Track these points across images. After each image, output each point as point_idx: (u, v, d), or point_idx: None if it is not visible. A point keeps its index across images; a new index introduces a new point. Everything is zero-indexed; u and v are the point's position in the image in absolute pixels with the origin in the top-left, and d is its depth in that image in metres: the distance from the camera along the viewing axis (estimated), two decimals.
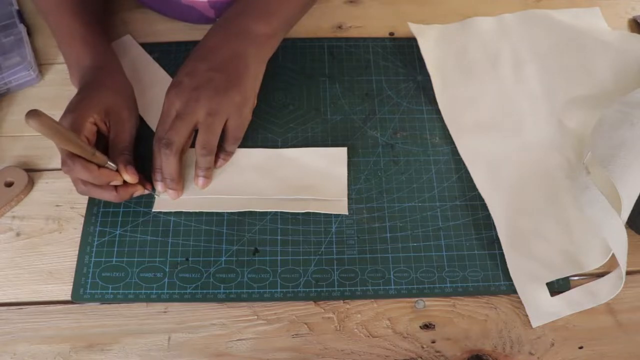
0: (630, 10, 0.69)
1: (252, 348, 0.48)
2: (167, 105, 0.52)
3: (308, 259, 0.52)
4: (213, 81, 0.51)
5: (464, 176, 0.56)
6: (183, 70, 0.53)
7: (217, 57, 0.53)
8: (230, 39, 0.54)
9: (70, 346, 0.48)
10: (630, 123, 0.51)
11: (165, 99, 0.52)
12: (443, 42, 0.64)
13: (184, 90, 0.51)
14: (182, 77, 0.52)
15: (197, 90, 0.51)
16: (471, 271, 0.51)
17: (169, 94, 0.52)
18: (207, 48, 0.54)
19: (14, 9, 0.65)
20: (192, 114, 0.51)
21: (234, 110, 0.52)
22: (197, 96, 0.51)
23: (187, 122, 0.51)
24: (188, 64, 0.53)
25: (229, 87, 0.52)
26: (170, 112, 0.52)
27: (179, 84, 0.52)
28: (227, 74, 0.52)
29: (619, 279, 0.49)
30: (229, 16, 0.56)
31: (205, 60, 0.53)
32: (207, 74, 0.52)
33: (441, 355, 0.48)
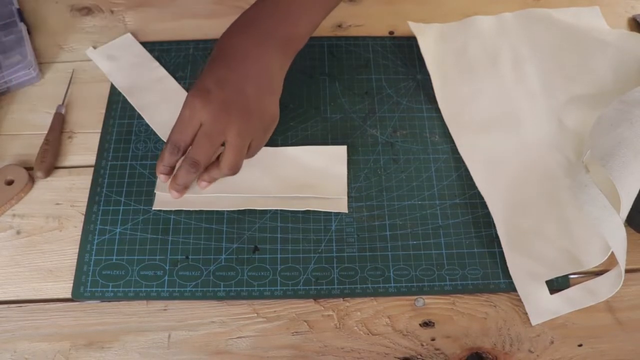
0: (629, 9, 0.69)
1: (252, 346, 0.48)
2: (190, 113, 0.48)
3: (308, 257, 0.52)
4: (244, 96, 0.48)
5: (464, 174, 0.56)
6: (210, 77, 0.49)
7: (246, 66, 0.49)
8: (257, 44, 0.50)
9: (70, 344, 0.48)
10: (629, 122, 0.51)
11: (188, 105, 0.48)
12: (443, 41, 0.65)
13: (213, 101, 0.48)
14: (209, 84, 0.48)
15: (227, 105, 0.48)
16: (471, 269, 0.51)
17: (193, 100, 0.48)
18: (234, 54, 0.50)
19: (15, 7, 0.65)
20: (221, 134, 0.48)
21: (261, 133, 0.50)
22: (227, 111, 0.48)
23: (216, 142, 0.48)
24: (215, 70, 0.49)
25: (260, 106, 0.49)
26: (193, 120, 0.48)
27: (206, 93, 0.48)
28: (257, 88, 0.49)
29: (618, 277, 0.49)
30: (253, 17, 0.52)
31: (233, 69, 0.49)
32: (237, 86, 0.48)
33: (441, 353, 0.48)
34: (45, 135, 0.57)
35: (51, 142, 0.57)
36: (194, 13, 0.68)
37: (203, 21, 0.67)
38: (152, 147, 0.58)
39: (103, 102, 0.61)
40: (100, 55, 0.64)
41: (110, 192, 0.55)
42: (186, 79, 0.62)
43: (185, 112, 0.49)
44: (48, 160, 0.56)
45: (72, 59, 0.64)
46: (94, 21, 0.68)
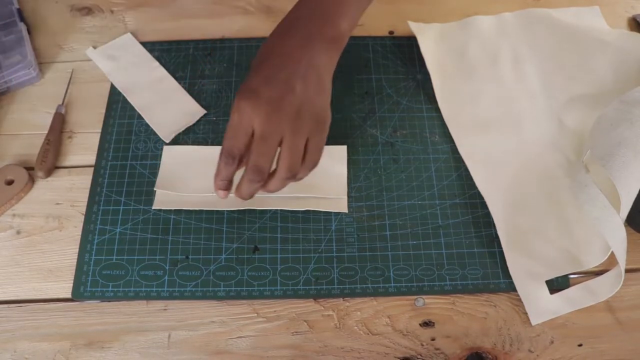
0: (629, 9, 0.69)
1: (252, 346, 0.48)
2: (240, 117, 0.45)
3: (308, 256, 0.52)
4: (295, 91, 0.45)
5: (464, 174, 0.56)
6: (256, 77, 0.46)
7: (294, 64, 0.46)
8: (302, 45, 0.48)
9: (70, 344, 0.48)
10: (629, 121, 0.51)
11: (236, 110, 0.45)
12: (443, 41, 0.65)
13: (262, 101, 0.44)
14: (256, 85, 0.45)
15: (279, 103, 0.44)
16: (471, 269, 0.51)
17: (241, 104, 0.45)
18: (279, 54, 0.47)
19: (15, 7, 0.65)
20: (276, 133, 0.45)
21: (316, 132, 0.47)
22: (279, 109, 0.44)
23: (273, 144, 0.45)
24: (260, 71, 0.47)
25: (310, 104, 0.46)
26: (243, 124, 0.45)
27: (254, 94, 0.45)
28: (306, 86, 0.46)
29: (618, 276, 0.49)
30: (294, 19, 0.50)
31: (281, 68, 0.46)
32: (285, 84, 0.45)
33: (441, 352, 0.48)
34: (45, 135, 0.57)
35: (51, 142, 0.57)
36: (194, 13, 0.68)
37: (203, 21, 0.67)
38: (152, 147, 0.58)
39: (103, 102, 0.61)
40: (100, 55, 0.64)
41: (110, 192, 0.55)
42: (186, 79, 0.62)
43: (235, 117, 0.45)
44: (49, 160, 0.56)
45: (72, 59, 0.64)
46: (94, 21, 0.68)
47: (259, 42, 0.65)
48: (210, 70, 0.63)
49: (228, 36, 0.66)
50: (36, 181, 0.56)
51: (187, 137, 0.58)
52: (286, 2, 0.69)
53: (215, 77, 0.62)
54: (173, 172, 0.56)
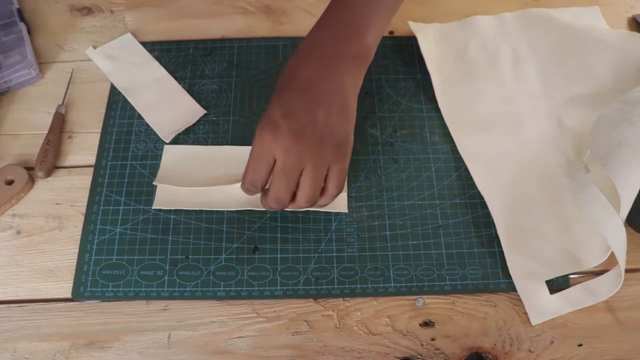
0: (629, 9, 0.69)
1: (252, 345, 0.48)
2: (261, 148, 0.46)
3: (308, 256, 0.52)
4: (314, 123, 0.45)
5: (464, 174, 0.56)
6: (277, 107, 0.46)
7: (315, 91, 0.46)
8: (326, 66, 0.47)
9: (70, 344, 0.48)
10: (629, 122, 0.51)
11: (258, 141, 0.46)
12: (443, 41, 0.65)
13: (283, 133, 0.45)
14: (277, 116, 0.45)
15: (299, 136, 0.45)
16: (471, 269, 0.51)
17: (263, 135, 0.45)
18: (301, 79, 0.47)
19: (15, 7, 0.66)
20: (296, 166, 0.46)
21: (338, 159, 0.47)
22: (299, 142, 0.45)
23: (293, 178, 0.46)
24: (282, 100, 0.47)
25: (332, 131, 0.46)
26: (265, 156, 0.46)
27: (275, 126, 0.45)
28: (327, 112, 0.46)
29: (618, 276, 0.49)
30: (317, 38, 0.49)
31: (301, 96, 0.46)
32: (306, 115, 0.46)
33: (441, 352, 0.48)
34: (45, 135, 0.57)
35: (51, 142, 0.57)
36: (194, 13, 0.68)
37: (203, 21, 0.67)
38: (152, 147, 0.58)
39: (103, 102, 0.61)
40: (100, 55, 0.64)
41: (110, 192, 0.55)
42: (186, 79, 0.62)
43: (256, 148, 0.46)
44: (49, 160, 0.56)
45: (72, 59, 0.64)
46: (94, 21, 0.68)
47: (259, 42, 0.65)
48: (210, 70, 0.63)
49: (228, 36, 0.66)
50: (36, 181, 0.56)
51: (187, 137, 0.58)
52: (286, 2, 0.69)
53: (215, 77, 0.62)
54: (173, 170, 0.56)
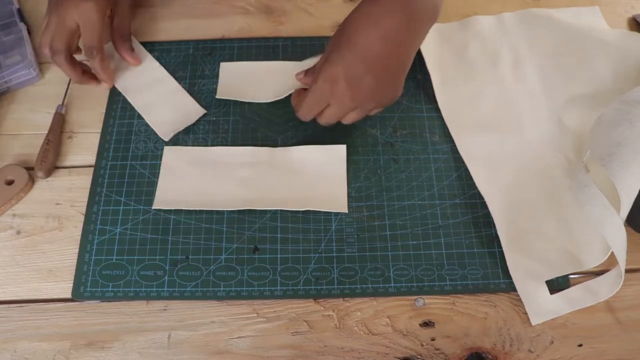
0: (629, 9, 0.69)
1: (252, 345, 0.48)
2: (321, 95, 0.51)
3: (308, 257, 0.52)
4: (371, 90, 0.50)
5: (464, 174, 0.56)
6: (341, 66, 0.49)
7: (377, 61, 0.49)
8: (390, 39, 0.48)
9: (70, 344, 0.48)
10: (629, 122, 0.51)
11: (320, 88, 0.50)
12: (443, 41, 0.65)
13: (341, 92, 0.50)
14: (340, 76, 0.49)
15: (354, 97, 0.50)
16: (471, 269, 0.51)
17: (324, 86, 0.50)
18: (366, 45, 0.48)
19: (15, 7, 0.66)
20: (342, 116, 0.53)
21: (378, 108, 0.54)
22: (352, 102, 0.51)
23: (340, 118, 0.53)
24: (346, 59, 0.49)
25: (383, 96, 0.52)
26: (322, 103, 0.52)
27: (335, 82, 0.50)
28: (385, 81, 0.51)
29: (618, 277, 0.49)
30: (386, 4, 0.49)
31: (364, 61, 0.49)
32: (365, 81, 0.49)
33: (441, 352, 0.48)
34: (45, 135, 0.57)
35: (51, 142, 0.57)
36: (194, 13, 0.68)
37: (203, 21, 0.67)
38: (152, 147, 0.58)
39: (103, 102, 0.61)
40: None
41: (110, 192, 0.55)
42: (186, 79, 0.62)
43: (317, 93, 0.51)
44: (49, 160, 0.56)
45: None
46: None
47: (259, 42, 0.65)
48: (210, 70, 0.63)
49: (228, 36, 0.66)
50: (36, 181, 0.56)
51: (187, 137, 0.58)
52: (286, 2, 0.69)
53: (215, 77, 0.62)
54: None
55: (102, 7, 0.54)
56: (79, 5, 0.52)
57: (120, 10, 0.59)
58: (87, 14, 0.53)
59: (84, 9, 0.52)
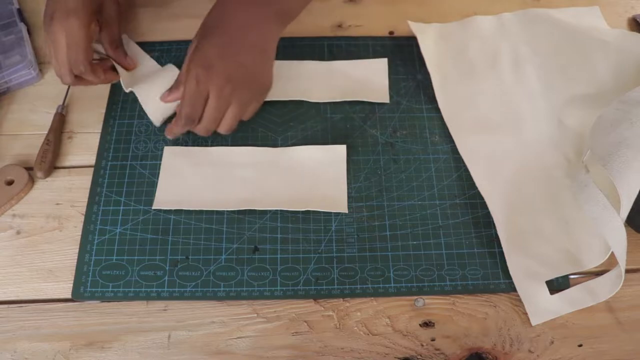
0: (629, 9, 0.69)
1: (252, 346, 0.48)
2: (197, 85, 0.51)
3: (308, 257, 0.52)
4: (244, 67, 0.52)
5: (464, 175, 0.56)
6: (210, 48, 0.51)
7: (245, 36, 0.52)
8: (254, 13, 0.53)
9: (70, 344, 0.48)
10: (629, 121, 0.51)
11: (194, 78, 0.51)
12: (443, 41, 0.65)
13: (217, 74, 0.51)
14: (212, 57, 0.51)
15: (230, 77, 0.51)
16: (471, 269, 0.51)
17: (198, 73, 0.51)
18: (231, 23, 0.52)
19: (15, 7, 0.65)
20: (227, 104, 0.52)
21: (258, 98, 0.55)
22: (230, 83, 0.51)
23: (223, 112, 0.53)
24: (215, 41, 0.52)
25: (258, 75, 0.53)
26: (201, 92, 0.51)
27: (210, 66, 0.51)
28: (255, 58, 0.52)
29: (619, 277, 0.49)
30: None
31: (232, 40, 0.52)
32: (237, 58, 0.52)
33: (441, 353, 0.48)
34: (45, 135, 0.57)
35: (51, 142, 0.57)
36: (194, 13, 0.68)
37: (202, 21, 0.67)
38: (152, 147, 0.58)
39: (103, 102, 0.61)
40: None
41: (110, 192, 0.55)
42: None
43: (192, 85, 0.51)
44: (48, 160, 0.56)
45: None
46: None
47: None
48: None
49: None
50: (36, 181, 0.56)
51: (187, 137, 0.58)
52: None
53: None
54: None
55: (85, 23, 0.54)
56: (63, 23, 0.52)
57: (107, 18, 0.59)
58: (71, 31, 0.53)
59: (68, 26, 0.52)
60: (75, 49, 0.53)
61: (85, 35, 0.54)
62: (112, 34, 0.59)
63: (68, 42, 0.53)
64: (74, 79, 0.56)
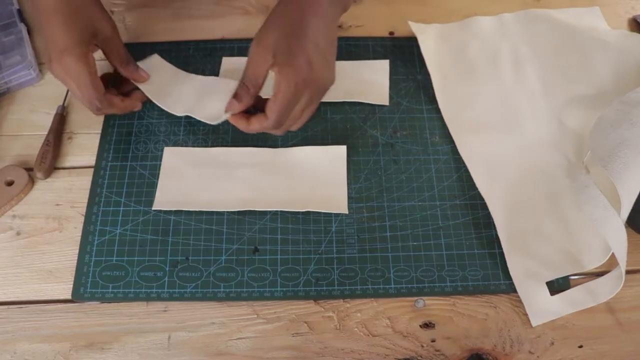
0: (630, 9, 0.69)
1: (252, 347, 0.48)
2: (296, 94, 0.49)
3: (308, 257, 0.52)
4: (325, 75, 0.51)
5: (464, 175, 0.56)
6: (302, 56, 0.49)
7: (324, 40, 0.51)
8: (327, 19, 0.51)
9: (70, 345, 0.48)
10: (629, 122, 0.51)
11: (295, 86, 0.49)
12: (443, 41, 0.65)
13: (311, 83, 0.50)
14: (305, 66, 0.49)
15: (319, 86, 0.51)
16: (471, 270, 0.51)
17: (298, 82, 0.49)
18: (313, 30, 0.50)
19: (15, 8, 0.65)
20: (314, 106, 0.52)
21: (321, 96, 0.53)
22: (318, 91, 0.51)
23: (307, 113, 0.52)
24: (307, 49, 0.49)
25: (331, 79, 0.52)
26: (298, 97, 0.50)
27: (306, 74, 0.49)
28: (331, 60, 0.52)
29: (619, 278, 0.49)
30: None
31: (318, 45, 0.50)
32: (322, 66, 0.50)
33: (441, 354, 0.48)
34: (45, 135, 0.57)
35: (51, 143, 0.57)
36: (194, 14, 0.68)
37: (203, 22, 0.67)
38: (152, 147, 0.58)
39: None
40: None
41: (110, 193, 0.55)
42: None
43: (291, 90, 0.49)
44: (48, 161, 0.56)
45: None
46: None
47: None
48: (210, 70, 0.63)
49: (228, 37, 0.66)
50: (36, 182, 0.56)
51: (187, 138, 0.58)
52: None
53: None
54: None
55: (80, 57, 0.50)
56: (61, 64, 0.50)
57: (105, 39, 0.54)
58: (70, 70, 0.50)
59: (65, 67, 0.50)
60: (84, 87, 0.51)
61: (85, 70, 0.51)
62: (116, 52, 0.56)
63: (74, 82, 0.51)
64: (99, 112, 0.55)
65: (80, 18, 0.52)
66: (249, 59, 0.50)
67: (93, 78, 0.52)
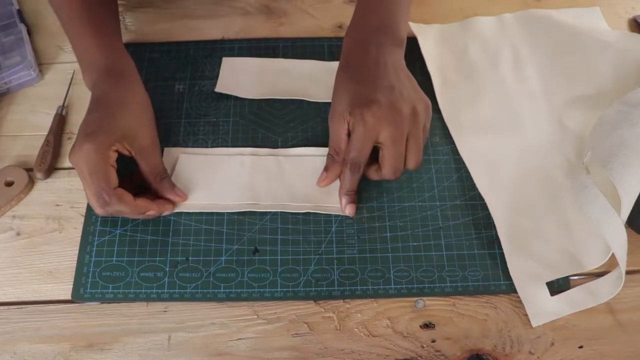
0: (630, 10, 0.69)
1: (252, 347, 0.48)
2: (365, 129, 0.49)
3: (308, 258, 0.52)
4: (402, 95, 0.51)
5: (464, 176, 0.56)
6: (364, 88, 0.50)
7: (387, 71, 0.52)
8: (384, 53, 0.53)
9: (70, 345, 0.48)
10: (630, 123, 0.51)
11: (361, 121, 0.49)
12: (443, 42, 0.65)
13: (385, 111, 0.49)
14: (370, 95, 0.50)
15: (399, 110, 0.49)
16: (471, 271, 0.51)
17: (365, 116, 0.49)
18: (369, 65, 0.52)
19: (14, 8, 0.66)
20: (403, 136, 0.50)
21: (428, 118, 0.53)
22: (399, 114, 0.49)
23: (403, 146, 0.51)
24: (363, 82, 0.51)
25: (414, 96, 0.52)
26: (372, 136, 0.49)
27: (375, 104, 0.49)
28: (404, 85, 0.52)
29: (619, 278, 0.49)
30: (363, 34, 0.55)
31: (379, 76, 0.51)
32: (393, 89, 0.50)
33: (441, 354, 0.48)
34: (45, 136, 0.57)
35: (51, 143, 0.57)
36: (194, 14, 0.68)
37: (203, 22, 0.67)
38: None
39: None
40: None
41: None
42: (186, 79, 0.62)
43: (360, 129, 0.49)
44: (48, 161, 0.56)
45: (72, 60, 0.64)
46: None
47: (259, 43, 0.65)
48: (210, 71, 0.63)
49: (228, 37, 0.66)
50: (36, 182, 0.56)
51: (187, 139, 0.58)
52: (286, 3, 0.70)
53: (215, 78, 0.62)
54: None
55: (102, 147, 0.48)
56: (81, 148, 0.48)
57: (141, 148, 0.51)
58: (87, 156, 0.47)
59: (84, 152, 0.47)
60: (95, 175, 0.47)
61: (102, 160, 0.47)
62: (151, 165, 0.51)
63: (87, 168, 0.48)
64: (106, 210, 0.49)
65: (127, 115, 0.51)
66: (330, 131, 0.52)
67: (108, 169, 0.48)
